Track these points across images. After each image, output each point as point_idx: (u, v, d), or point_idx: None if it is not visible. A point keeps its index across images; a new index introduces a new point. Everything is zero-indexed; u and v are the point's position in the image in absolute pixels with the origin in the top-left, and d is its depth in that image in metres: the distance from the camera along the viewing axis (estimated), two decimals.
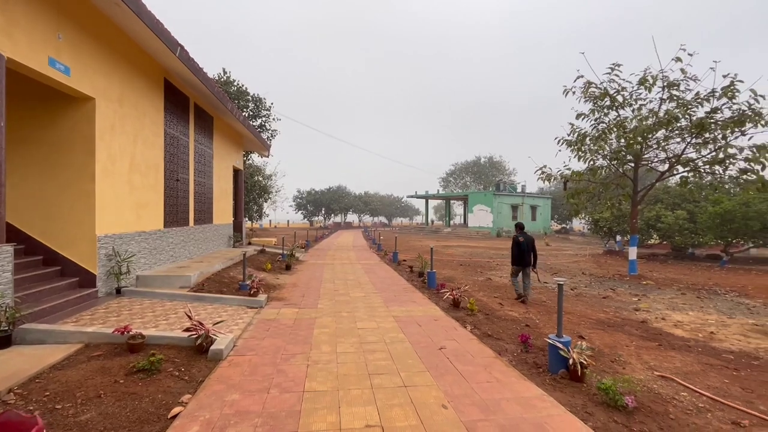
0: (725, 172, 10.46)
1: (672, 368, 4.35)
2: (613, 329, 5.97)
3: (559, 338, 3.93)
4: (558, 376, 3.88)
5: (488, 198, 38.97)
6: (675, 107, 10.49)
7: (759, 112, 9.34)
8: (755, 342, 5.56)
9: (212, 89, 9.44)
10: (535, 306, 7.40)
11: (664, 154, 11.91)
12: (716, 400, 3.55)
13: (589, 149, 11.63)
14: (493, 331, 5.46)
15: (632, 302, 8.16)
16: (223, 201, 12.95)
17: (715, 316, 7.05)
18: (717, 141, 10.17)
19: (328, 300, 7.38)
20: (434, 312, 6.57)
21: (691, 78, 10.26)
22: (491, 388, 3.59)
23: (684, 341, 5.49)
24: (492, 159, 64.93)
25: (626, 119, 11.31)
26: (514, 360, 4.38)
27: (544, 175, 12.29)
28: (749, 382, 4.05)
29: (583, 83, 11.46)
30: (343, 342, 4.85)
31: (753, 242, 16.55)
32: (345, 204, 63.05)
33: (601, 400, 3.36)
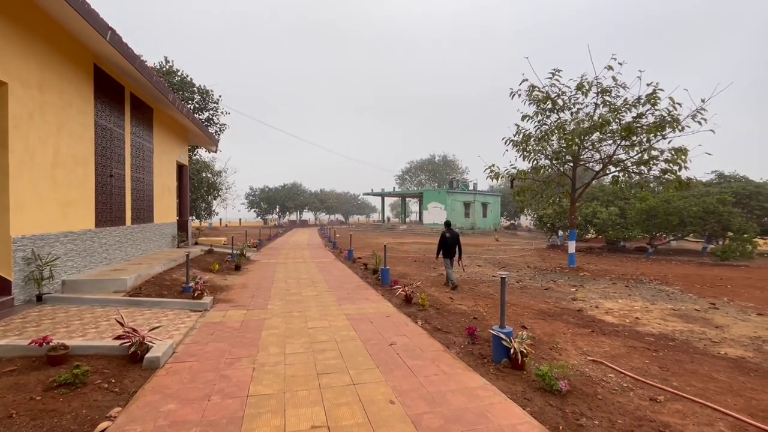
0: (650, 172, 11.55)
1: (602, 352, 4.72)
2: (553, 318, 6.37)
3: (502, 329, 4.12)
4: (501, 365, 4.07)
5: (442, 196, 40.01)
6: (607, 112, 11.39)
7: (677, 118, 10.39)
8: (672, 325, 6.19)
9: (150, 78, 8.79)
10: (484, 299, 7.71)
11: (598, 155, 12.89)
12: (638, 380, 3.91)
13: (533, 149, 12.31)
14: (443, 325, 5.61)
15: (570, 293, 8.76)
16: (166, 198, 12.15)
17: (640, 303, 7.76)
18: (642, 144, 11.19)
19: (279, 300, 7.18)
20: (387, 309, 6.62)
21: (621, 85, 11.19)
22: (438, 380, 3.68)
23: (613, 327, 5.98)
24: (446, 158, 66.70)
25: (566, 122, 12.10)
26: (461, 352, 4.53)
27: (493, 174, 12.82)
28: (666, 362, 4.49)
29: (528, 87, 12.08)
30: (293, 342, 4.74)
31: (673, 235, 18.44)
32: (300, 202, 61.77)
33: (539, 386, 3.57)
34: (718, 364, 4.45)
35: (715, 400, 3.48)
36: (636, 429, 2.94)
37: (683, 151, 10.40)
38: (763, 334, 5.70)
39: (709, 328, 6.02)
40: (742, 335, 5.67)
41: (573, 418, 3.06)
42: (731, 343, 5.29)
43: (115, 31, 6.84)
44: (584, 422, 3.01)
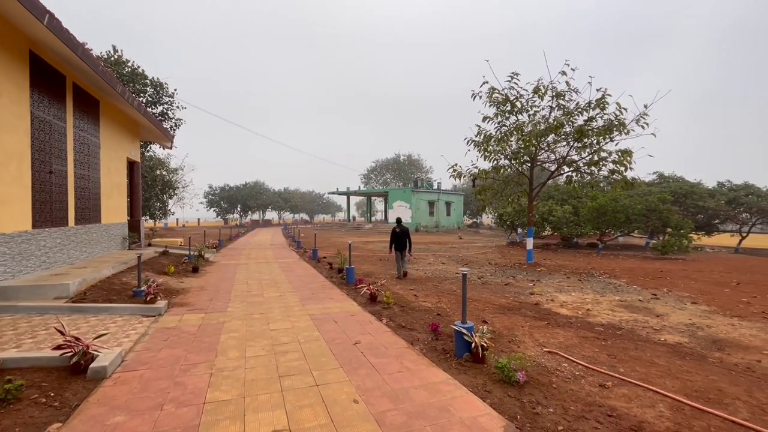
0: (599, 172, 12.29)
1: (556, 343, 4.96)
2: (512, 312, 6.62)
3: (464, 324, 4.22)
4: (463, 359, 4.16)
5: (407, 195, 40.42)
6: (561, 115, 11.98)
7: (623, 122, 11.12)
8: (619, 315, 6.61)
9: (95, 68, 8.18)
10: (447, 295, 7.87)
11: (553, 155, 13.55)
12: (589, 368, 4.14)
13: (493, 150, 12.71)
14: (407, 323, 5.66)
15: (528, 287, 9.14)
16: (115, 197, 11.38)
17: (591, 296, 8.24)
18: (593, 146, 11.88)
19: (239, 302, 6.94)
20: (351, 308, 6.59)
21: (574, 90, 11.81)
22: (402, 377, 3.70)
23: (567, 319, 6.31)
24: (410, 157, 67.46)
25: (524, 123, 12.60)
26: (424, 348, 4.59)
27: (456, 173, 13.12)
28: (613, 350, 4.79)
29: (488, 89, 12.45)
30: (254, 345, 4.60)
31: (620, 232, 19.74)
32: (263, 201, 60.12)
33: (498, 378, 3.69)
34: (658, 350, 4.81)
35: (656, 383, 3.76)
36: (587, 414, 3.11)
37: (628, 153, 11.16)
38: (697, 321, 6.23)
39: (651, 317, 6.49)
40: (679, 323, 6.16)
41: (530, 407, 3.19)
42: (670, 330, 5.73)
43: (54, 15, 6.30)
44: (540, 410, 3.15)
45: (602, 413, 3.13)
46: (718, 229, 23.74)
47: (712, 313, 6.87)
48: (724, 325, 6.02)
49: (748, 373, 4.14)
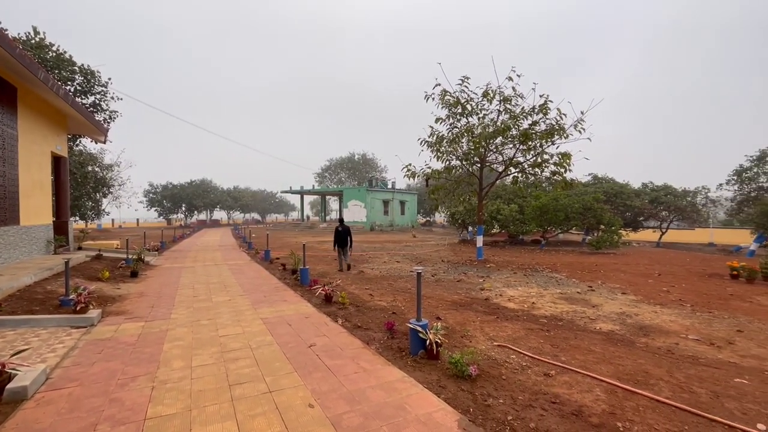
0: (542, 173, 13.07)
1: (505, 336, 5.21)
2: (464, 308, 6.85)
3: (419, 322, 4.29)
4: (418, 356, 4.24)
5: (362, 194, 40.40)
6: (508, 118, 12.59)
7: (563, 127, 11.92)
8: (561, 307, 7.09)
9: (11, 51, 7.28)
10: (402, 293, 7.97)
11: (501, 157, 14.19)
12: (534, 358, 4.39)
13: (445, 150, 13.07)
14: (363, 322, 5.66)
15: (479, 283, 9.52)
16: (37, 196, 10.22)
17: (536, 289, 8.76)
18: (536, 148, 12.61)
19: (184, 308, 6.53)
20: (306, 309, 6.46)
21: (519, 95, 12.46)
22: (358, 378, 3.69)
23: (514, 312, 6.65)
24: (365, 156, 67.49)
25: (474, 126, 13.08)
26: (380, 347, 4.61)
27: (410, 173, 13.32)
28: (556, 340, 5.13)
29: (440, 91, 12.77)
30: (201, 354, 4.35)
31: (560, 229, 21.17)
32: (211, 200, 57.10)
33: (452, 373, 3.80)
34: (594, 338, 5.22)
35: (593, 369, 4.07)
36: (533, 402, 3.29)
37: (568, 156, 11.98)
38: (626, 310, 6.85)
39: (588, 308, 7.04)
40: (612, 312, 6.74)
41: (482, 400, 3.32)
42: (604, 320, 6.25)
43: None
44: (491, 402, 3.28)
45: (547, 401, 3.33)
46: (642, 225, 26.27)
47: (639, 302, 7.58)
48: (648, 313, 6.67)
49: (668, 355, 4.62)
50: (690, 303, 7.45)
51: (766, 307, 7.24)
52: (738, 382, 3.80)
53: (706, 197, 26.01)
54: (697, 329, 5.72)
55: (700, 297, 8.03)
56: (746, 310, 6.96)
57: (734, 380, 3.83)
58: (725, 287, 9.16)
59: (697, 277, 10.61)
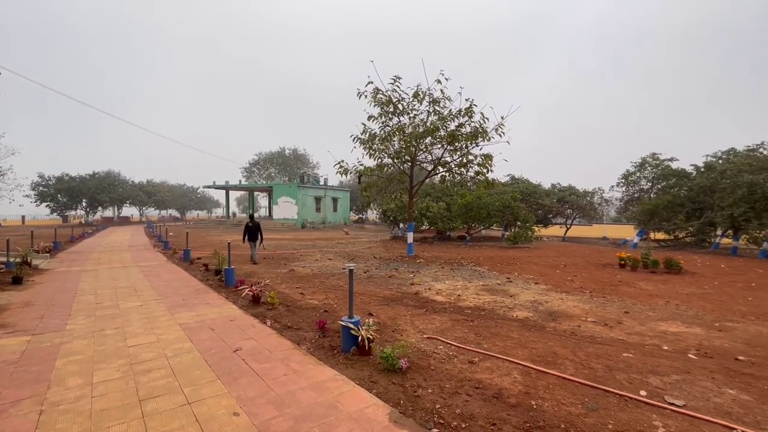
0: (467, 173, 13.88)
1: (434, 328, 5.43)
2: (395, 303, 7.00)
3: (351, 319, 4.28)
4: (350, 354, 4.23)
5: (293, 190, 39.22)
6: (437, 120, 13.14)
7: (485, 130, 12.75)
8: (483, 298, 7.60)
9: None
10: (334, 291, 7.90)
11: (430, 156, 14.77)
12: (460, 347, 4.64)
13: (377, 148, 13.23)
14: (293, 322, 5.49)
15: (409, 278, 9.81)
16: None
17: (462, 282, 9.28)
18: (462, 149, 13.35)
19: (84, 317, 5.74)
20: (231, 312, 6.08)
21: (447, 98, 13.07)
22: (288, 380, 3.57)
23: (442, 305, 6.97)
24: (296, 151, 65.61)
25: (405, 125, 13.42)
26: (312, 347, 4.51)
27: (342, 170, 13.25)
28: (479, 329, 5.48)
29: (373, 89, 12.87)
30: (105, 368, 3.85)
31: (483, 225, 22.71)
32: (119, 194, 50.86)
33: (384, 368, 3.85)
34: (512, 325, 5.68)
35: (511, 354, 4.43)
36: (459, 389, 3.48)
37: (489, 157, 12.88)
38: (538, 298, 7.57)
39: (506, 298, 7.64)
40: (527, 300, 7.40)
41: (411, 391, 3.42)
42: (520, 308, 6.83)
43: None
44: (420, 392, 3.39)
45: (471, 387, 3.54)
46: (551, 222, 29.29)
47: (549, 290, 8.43)
48: (556, 300, 7.45)
49: (572, 337, 5.20)
50: (589, 290, 8.48)
51: (646, 291, 8.53)
52: (626, 356, 4.41)
53: (601, 197, 29.83)
54: (595, 312, 6.53)
55: (597, 284, 9.19)
56: (631, 294, 8.13)
57: (623, 355, 4.45)
58: (615, 275, 10.60)
59: (594, 267, 12.13)
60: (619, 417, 3.04)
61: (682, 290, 8.61)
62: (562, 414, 3.07)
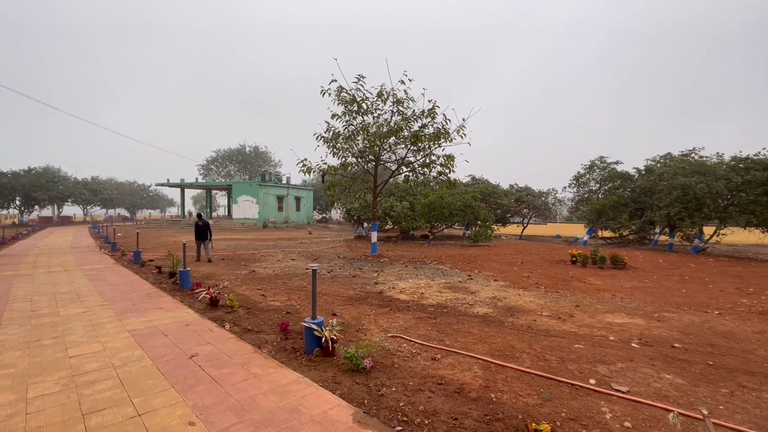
0: (430, 173, 14.12)
1: (397, 327, 5.47)
2: (359, 302, 6.99)
3: (314, 320, 4.21)
4: (314, 355, 4.16)
5: (254, 189, 38.02)
6: (401, 120, 13.26)
7: (447, 131, 13.04)
8: (445, 296, 7.76)
9: None
10: (297, 292, 7.75)
11: (394, 156, 14.89)
12: (423, 345, 4.71)
13: (341, 147, 13.14)
14: (254, 325, 5.33)
15: (373, 277, 9.82)
16: None
17: (425, 281, 9.43)
18: (426, 150, 13.57)
19: (17, 327, 5.23)
20: (186, 316, 5.79)
21: (411, 98, 13.22)
22: (248, 386, 3.45)
23: (405, 303, 7.04)
24: (258, 149, 63.63)
25: (369, 124, 13.42)
26: (273, 350, 4.40)
27: (305, 168, 13.03)
28: (441, 326, 5.59)
29: (337, 87, 12.76)
30: (42, 381, 3.53)
31: (445, 224, 23.22)
32: (59, 192, 46.83)
33: (348, 368, 3.83)
34: (472, 321, 5.85)
35: (472, 349, 4.55)
36: (422, 386, 3.53)
37: (451, 158, 13.19)
38: (498, 295, 7.85)
39: (467, 295, 7.86)
40: (486, 297, 7.65)
41: (375, 390, 3.42)
42: (480, 304, 7.05)
43: None
44: (384, 391, 3.41)
45: (434, 383, 3.60)
46: (509, 221, 30.49)
47: (507, 287, 8.77)
48: (514, 296, 7.76)
49: (529, 330, 5.44)
50: (544, 285, 8.91)
51: (595, 285, 9.09)
52: (577, 347, 4.68)
53: (555, 197, 31.46)
54: (549, 307, 6.87)
55: (551, 280, 9.67)
56: (582, 288, 8.64)
57: (574, 346, 4.71)
58: (568, 271, 11.22)
59: (549, 264, 12.76)
60: (571, 405, 3.22)
61: (626, 284, 9.27)
62: (520, 405, 3.21)
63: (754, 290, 8.76)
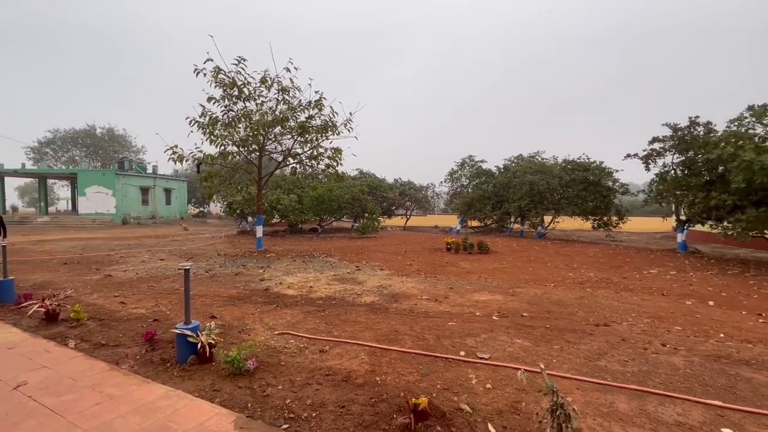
0: (318, 165, 13.98)
1: (285, 323, 5.31)
2: (243, 302, 6.55)
3: (188, 325, 3.79)
4: (188, 364, 3.76)
5: (109, 178, 32.07)
6: (287, 109, 12.76)
7: (335, 124, 13.05)
8: (334, 288, 7.83)
9: None
10: (168, 296, 6.87)
11: (280, 147, 14.28)
12: (311, 338, 4.67)
13: (220, 134, 12.00)
14: (110, 339, 4.54)
15: (259, 274, 9.32)
16: None
17: (313, 274, 9.34)
18: (313, 141, 13.35)
19: None
20: (9, 337, 4.60)
21: (297, 87, 12.80)
22: (101, 410, 2.93)
23: (293, 298, 6.88)
24: (113, 131, 53.54)
25: (252, 112, 12.56)
26: (136, 364, 3.82)
27: (176, 156, 11.54)
28: (330, 318, 5.62)
29: (214, 67, 11.57)
30: None
31: (334, 217, 23.36)
32: None
33: (229, 372, 3.56)
34: (360, 311, 6.04)
35: (359, 337, 4.71)
36: (310, 380, 3.51)
37: (339, 151, 13.27)
38: (383, 283, 8.27)
39: (355, 285, 8.08)
40: (373, 286, 7.98)
41: (260, 391, 3.27)
42: (367, 293, 7.32)
43: None
44: (270, 391, 3.28)
45: (322, 375, 3.62)
46: (394, 213, 32.32)
47: (392, 275, 9.30)
48: (398, 283, 8.27)
49: (410, 314, 5.87)
50: (424, 272, 9.72)
51: (465, 269, 10.30)
52: (450, 325, 5.24)
53: (433, 191, 34.52)
54: (428, 291, 7.53)
55: (430, 266, 10.61)
56: (455, 272, 9.70)
57: (448, 324, 5.27)
58: (443, 258, 12.46)
59: (428, 252, 13.97)
60: (445, 377, 3.60)
61: (489, 266, 10.75)
62: (402, 383, 3.45)
63: (577, 266, 11.10)
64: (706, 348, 4.47)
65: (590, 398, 3.23)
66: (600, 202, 20.32)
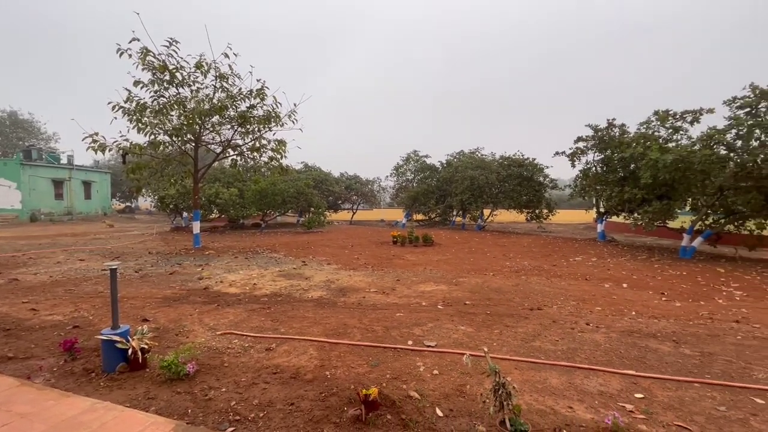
0: (261, 158, 13.38)
1: (227, 323, 5.06)
2: (179, 303, 6.12)
3: (115, 330, 3.46)
4: (117, 372, 3.43)
5: (12, 169, 27.98)
6: (225, 98, 12.03)
7: (278, 115, 12.57)
8: (279, 284, 7.60)
9: None
10: (90, 299, 6.20)
11: (219, 137, 13.46)
12: (257, 337, 4.50)
13: (149, 122, 11.00)
14: (19, 350, 4.00)
15: (197, 273, 8.75)
16: None
17: (257, 271, 8.99)
18: (255, 133, 12.76)
19: None
20: None
21: (236, 75, 12.12)
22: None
23: (236, 297, 6.56)
24: (17, 115, 46.71)
25: (186, 98, 11.67)
26: (54, 377, 3.41)
27: (96, 144, 10.38)
28: (276, 315, 5.46)
29: (141, 48, 10.54)
30: None
31: (278, 212, 22.62)
32: None
33: (165, 378, 3.32)
34: (308, 306, 5.94)
35: (307, 332, 4.63)
36: (256, 380, 3.38)
37: (283, 143, 12.82)
38: (331, 278, 8.19)
39: (302, 281, 7.91)
40: (321, 281, 7.88)
41: (202, 396, 3.09)
42: (315, 288, 7.21)
43: None
44: (212, 394, 3.11)
45: (269, 373, 3.51)
46: (341, 207, 32.09)
47: (339, 269, 9.25)
48: (346, 277, 8.25)
49: (359, 307, 5.89)
50: (371, 265, 9.79)
51: (411, 261, 10.55)
52: (398, 315, 5.35)
53: (379, 185, 34.78)
54: (376, 284, 7.61)
55: (377, 259, 10.71)
56: (401, 265, 9.89)
57: (396, 315, 5.37)
58: (390, 251, 12.64)
59: (375, 245, 14.09)
60: (394, 366, 3.68)
61: (434, 258, 11.12)
62: (352, 376, 3.46)
63: (513, 255, 11.88)
64: (622, 325, 5.04)
65: (527, 377, 3.50)
66: (533, 196, 21.91)
